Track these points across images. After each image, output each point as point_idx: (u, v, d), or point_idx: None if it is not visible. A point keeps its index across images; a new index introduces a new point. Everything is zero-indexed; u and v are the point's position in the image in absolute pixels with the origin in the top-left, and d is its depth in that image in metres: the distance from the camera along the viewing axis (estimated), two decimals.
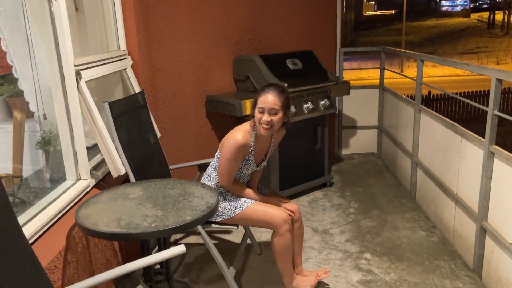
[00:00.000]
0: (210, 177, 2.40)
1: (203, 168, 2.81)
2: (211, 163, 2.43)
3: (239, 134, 2.19)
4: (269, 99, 2.16)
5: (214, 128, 3.72)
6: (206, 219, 1.72)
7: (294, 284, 2.40)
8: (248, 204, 2.28)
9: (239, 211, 2.27)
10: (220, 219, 2.30)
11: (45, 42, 2.04)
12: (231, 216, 2.28)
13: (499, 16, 38.61)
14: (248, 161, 2.30)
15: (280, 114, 2.18)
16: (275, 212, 2.25)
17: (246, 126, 2.27)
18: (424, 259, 2.73)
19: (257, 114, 2.18)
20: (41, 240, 1.75)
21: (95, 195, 1.92)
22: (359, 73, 16.67)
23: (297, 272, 2.46)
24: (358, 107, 4.74)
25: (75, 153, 2.15)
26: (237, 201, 2.30)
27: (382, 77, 4.63)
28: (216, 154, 2.38)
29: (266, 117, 2.16)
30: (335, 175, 4.21)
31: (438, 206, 3.11)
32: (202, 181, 2.40)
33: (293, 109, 3.38)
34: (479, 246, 2.48)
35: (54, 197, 1.98)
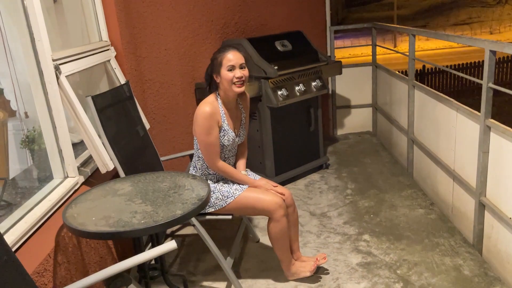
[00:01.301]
0: (197, 168, 2.35)
1: None
2: (194, 155, 2.38)
3: (205, 106, 2.18)
4: (235, 55, 2.17)
5: None
6: (197, 212, 1.67)
7: (292, 270, 2.37)
8: (240, 192, 2.23)
9: (231, 200, 2.22)
10: (213, 209, 2.26)
11: (20, 37, 1.96)
12: (224, 206, 2.23)
13: None
14: (225, 131, 2.25)
15: (247, 69, 2.21)
16: (267, 198, 2.21)
17: (209, 98, 2.25)
18: (423, 237, 2.70)
19: (227, 74, 2.16)
20: (28, 243, 1.70)
21: (83, 193, 1.86)
22: (353, 51, 16.51)
23: (296, 258, 2.43)
24: (351, 86, 4.67)
25: (60, 151, 2.08)
26: (229, 190, 2.25)
27: (374, 54, 4.54)
28: (194, 142, 2.33)
29: (238, 73, 2.16)
30: (331, 156, 4.17)
31: (435, 182, 3.08)
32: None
33: (284, 92, 3.31)
34: (478, 221, 2.45)
35: (41, 197, 1.93)
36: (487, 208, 2.37)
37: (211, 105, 2.19)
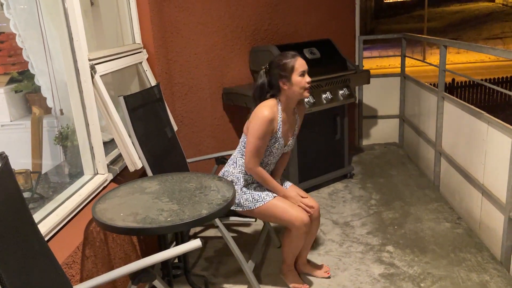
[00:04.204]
0: (236, 164, 2.32)
1: (220, 161, 2.78)
2: (236, 150, 2.35)
3: (266, 110, 2.14)
4: (303, 62, 2.18)
5: (231, 120, 3.69)
6: (222, 213, 1.69)
7: (284, 273, 2.43)
8: (270, 199, 2.23)
9: (260, 205, 2.23)
10: (240, 209, 2.27)
11: (60, 37, 2.04)
12: (252, 208, 2.24)
13: None
14: (276, 138, 2.22)
15: None
16: (294, 212, 2.20)
17: (270, 101, 2.20)
18: (449, 252, 2.65)
19: (300, 80, 2.15)
20: (59, 235, 1.75)
21: (112, 190, 1.92)
22: (380, 62, 16.35)
23: (300, 261, 2.49)
24: (378, 96, 4.63)
25: (91, 148, 2.14)
26: (260, 194, 2.25)
27: (403, 64, 4.50)
28: (241, 140, 2.31)
29: (308, 78, 2.17)
30: (356, 166, 4.13)
31: (463, 196, 3.01)
32: (227, 168, 2.35)
33: (311, 99, 3.31)
34: (507, 238, 2.38)
35: (71, 192, 1.99)
36: None
37: (271, 111, 2.15)
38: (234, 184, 2.27)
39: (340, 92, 3.52)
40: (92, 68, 2.11)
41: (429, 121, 3.69)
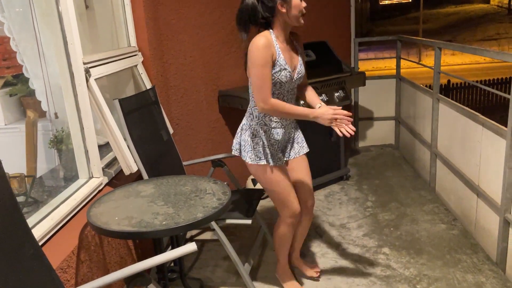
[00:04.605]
0: (253, 115, 2.17)
1: (217, 163, 2.78)
2: (250, 102, 2.19)
3: (260, 38, 2.02)
4: None
5: (227, 123, 3.69)
6: (218, 216, 1.69)
7: (279, 274, 2.44)
8: (278, 170, 2.13)
9: (263, 163, 2.11)
10: (250, 161, 2.16)
11: (54, 40, 2.03)
12: (254, 162, 2.13)
13: None
14: (281, 66, 2.06)
15: None
16: (292, 203, 2.20)
17: (263, 33, 2.07)
18: (444, 253, 2.65)
19: (298, 2, 2.02)
20: (54, 239, 1.74)
21: (107, 193, 1.91)
22: (376, 63, 16.39)
23: (293, 255, 2.52)
24: (374, 98, 4.64)
25: (86, 151, 2.14)
26: (274, 156, 2.14)
27: (398, 66, 4.52)
28: (249, 87, 2.17)
29: (305, 4, 2.07)
30: (352, 168, 4.14)
31: (458, 198, 3.02)
32: (244, 122, 2.21)
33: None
34: (503, 239, 2.39)
35: (66, 196, 1.98)
36: None
37: (265, 38, 2.02)
38: (254, 136, 2.16)
39: (336, 94, 3.53)
40: (87, 71, 2.10)
41: (425, 122, 3.70)
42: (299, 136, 2.38)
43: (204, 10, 3.39)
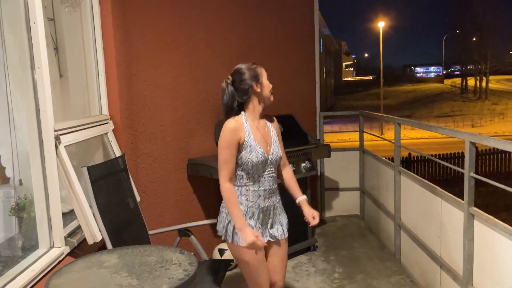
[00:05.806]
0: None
1: (183, 233, 2.74)
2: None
3: (229, 122, 2.16)
4: None
5: (195, 191, 3.68)
6: None
7: None
8: (252, 251, 2.13)
9: (237, 243, 2.14)
10: (221, 234, 2.22)
11: (26, 107, 2.05)
12: (229, 239, 2.18)
13: (471, 81, 40.78)
14: (251, 147, 2.14)
15: None
16: (262, 277, 2.20)
17: (235, 117, 2.19)
18: None
19: (267, 82, 2.25)
20: None
21: (68, 264, 1.84)
22: (341, 136, 17.03)
23: None
24: (339, 169, 4.79)
25: (49, 219, 2.08)
26: (245, 233, 2.10)
27: (361, 139, 4.73)
28: None
29: (271, 84, 2.27)
30: (319, 238, 4.15)
31: (423, 269, 3.06)
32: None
33: None
34: None
35: (24, 267, 1.89)
36: None
37: (235, 122, 2.16)
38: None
39: (303, 164, 3.64)
40: (57, 138, 2.11)
41: (388, 194, 3.82)
42: (281, 215, 2.43)
43: (177, 82, 3.52)
